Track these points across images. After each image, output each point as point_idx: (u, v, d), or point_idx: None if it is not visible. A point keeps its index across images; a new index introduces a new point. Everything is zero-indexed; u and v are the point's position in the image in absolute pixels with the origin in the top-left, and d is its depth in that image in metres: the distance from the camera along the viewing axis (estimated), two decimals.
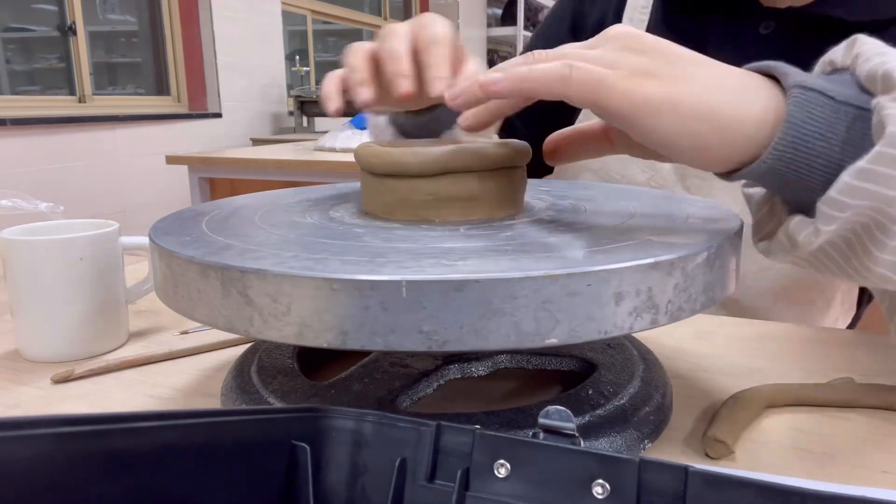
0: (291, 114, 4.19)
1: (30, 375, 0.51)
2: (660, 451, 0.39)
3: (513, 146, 0.41)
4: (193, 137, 3.57)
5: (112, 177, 3.15)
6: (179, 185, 2.96)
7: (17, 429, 0.19)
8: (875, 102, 0.31)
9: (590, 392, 0.41)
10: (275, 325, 0.31)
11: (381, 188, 0.42)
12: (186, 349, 0.55)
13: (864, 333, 0.58)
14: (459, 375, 0.46)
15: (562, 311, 0.29)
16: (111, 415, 0.21)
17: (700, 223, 0.38)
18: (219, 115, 3.72)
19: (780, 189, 0.36)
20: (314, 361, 0.48)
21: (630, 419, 0.39)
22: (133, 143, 3.25)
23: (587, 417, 0.38)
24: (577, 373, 0.47)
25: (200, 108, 3.68)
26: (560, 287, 0.29)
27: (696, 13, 0.68)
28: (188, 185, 2.50)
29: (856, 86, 0.33)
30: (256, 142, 3.80)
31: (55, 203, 0.72)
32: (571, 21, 0.77)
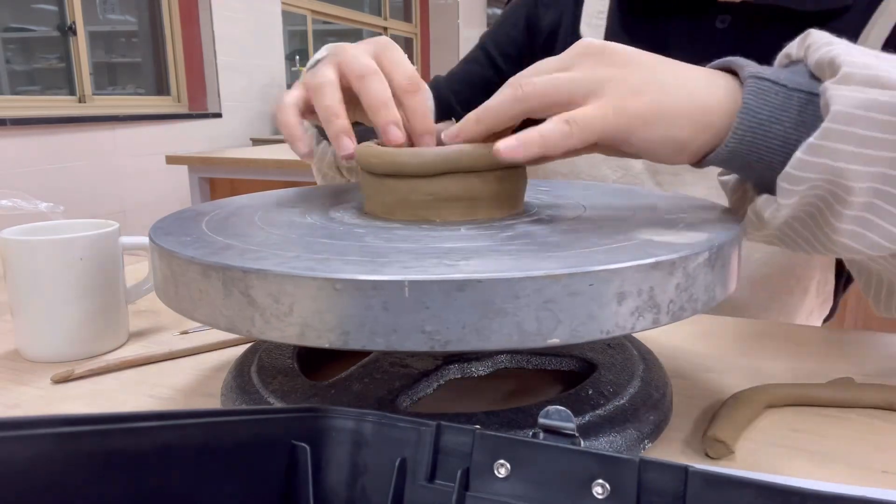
0: None
1: (30, 375, 0.51)
2: (660, 451, 0.39)
3: None
4: (193, 137, 3.57)
5: (112, 177, 3.15)
6: (179, 185, 2.97)
7: (17, 429, 0.19)
8: (822, 87, 0.34)
9: (590, 392, 0.41)
10: (277, 326, 0.30)
11: (381, 188, 0.42)
12: (186, 349, 0.55)
13: (865, 333, 0.58)
14: (459, 375, 0.46)
15: (564, 311, 0.29)
16: (111, 415, 0.21)
17: (700, 223, 0.38)
18: (219, 115, 3.72)
19: (746, 170, 0.39)
20: (314, 361, 0.48)
21: (630, 419, 0.39)
22: (133, 143, 3.25)
23: (587, 417, 0.38)
24: (577, 373, 0.47)
25: (200, 108, 3.68)
26: (562, 287, 0.29)
27: (654, 16, 0.69)
28: (188, 185, 2.50)
29: (807, 74, 0.37)
30: (256, 142, 3.80)
31: (55, 203, 0.72)
32: (526, 23, 0.78)
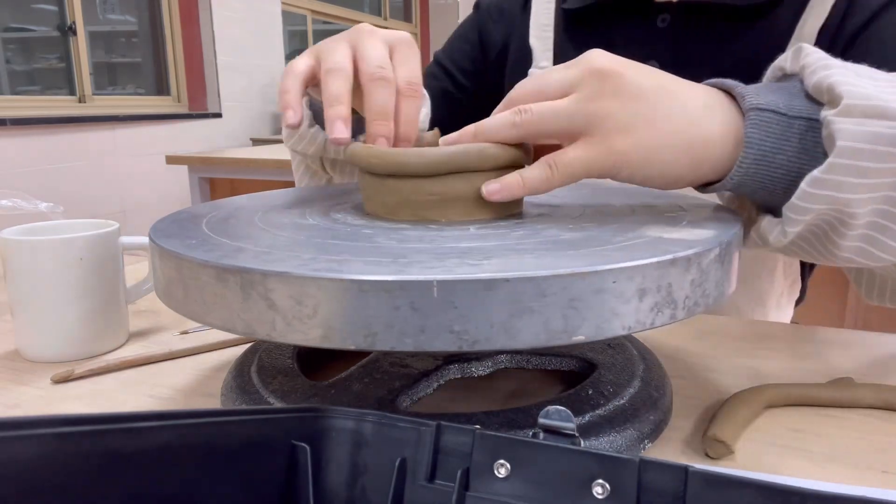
0: None
1: (30, 375, 0.51)
2: (660, 451, 0.39)
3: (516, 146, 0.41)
4: (193, 137, 3.57)
5: (112, 177, 3.15)
6: (179, 185, 2.97)
7: (17, 429, 0.19)
8: (823, 116, 0.36)
9: (590, 392, 0.41)
10: (299, 329, 0.30)
11: (383, 188, 0.42)
12: (186, 349, 0.55)
13: (865, 333, 0.58)
14: (459, 375, 0.46)
15: (589, 309, 0.29)
16: (111, 415, 0.21)
17: (702, 221, 0.38)
18: (219, 115, 3.72)
19: (749, 195, 0.41)
20: (314, 361, 0.48)
21: (630, 419, 0.39)
22: (133, 143, 3.25)
23: (587, 417, 0.38)
24: (577, 373, 0.47)
25: (200, 108, 3.68)
26: (587, 284, 0.29)
27: (598, 23, 0.71)
28: (188, 185, 2.50)
29: (804, 95, 0.38)
30: (256, 142, 3.80)
31: (55, 203, 0.72)
32: (479, 38, 0.80)
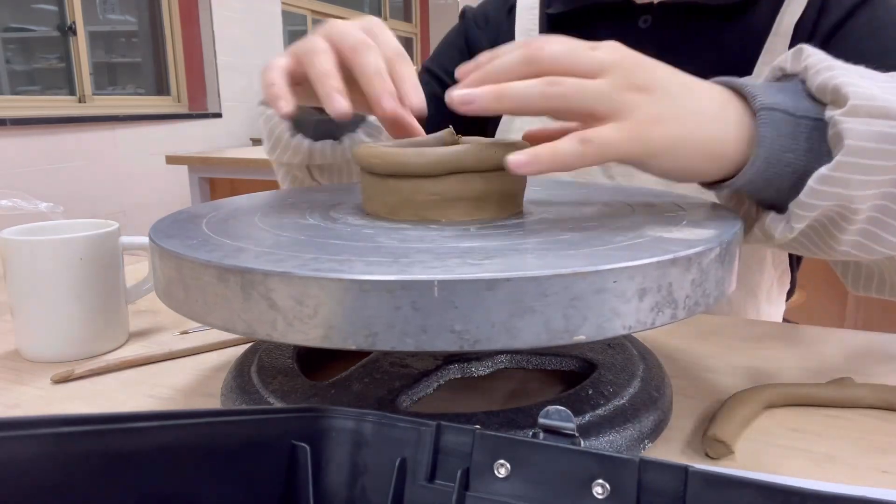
0: None
1: (30, 375, 0.51)
2: (660, 451, 0.39)
3: (517, 145, 0.41)
4: (193, 137, 3.57)
5: (112, 177, 3.15)
6: (179, 185, 2.97)
7: (17, 429, 0.19)
8: (829, 116, 0.37)
9: (590, 392, 0.41)
10: (300, 329, 0.30)
11: (383, 189, 0.42)
12: (186, 349, 0.55)
13: (864, 333, 0.58)
14: (459, 375, 0.46)
15: (590, 308, 0.29)
16: (111, 415, 0.21)
17: (702, 220, 0.38)
18: (219, 115, 3.72)
19: (755, 193, 0.42)
20: (314, 361, 0.48)
21: (630, 419, 0.39)
22: (133, 143, 3.25)
23: (587, 417, 0.38)
24: (577, 373, 0.47)
25: (200, 108, 3.68)
26: (588, 284, 0.29)
27: (581, 26, 0.72)
28: (188, 185, 2.50)
29: (807, 96, 0.39)
30: (256, 142, 3.80)
31: (55, 203, 0.72)
32: (466, 45, 0.81)
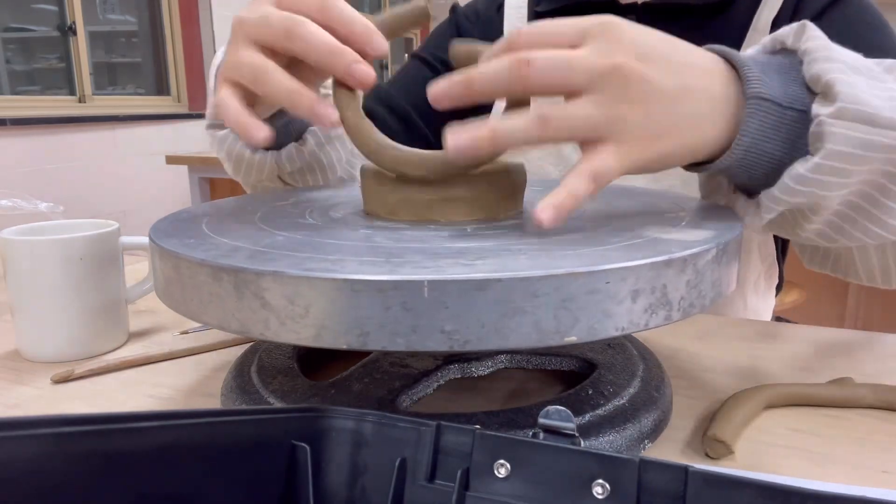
0: None
1: (30, 375, 0.51)
2: (660, 451, 0.39)
3: None
4: (193, 137, 3.57)
5: (112, 177, 3.15)
6: (179, 185, 2.97)
7: (17, 429, 0.19)
8: (815, 114, 0.36)
9: (590, 392, 0.41)
10: (292, 328, 0.30)
11: (383, 188, 0.42)
12: (186, 349, 0.55)
13: (865, 333, 0.58)
14: (459, 375, 0.46)
15: (581, 309, 0.29)
16: (111, 415, 0.21)
17: (702, 221, 0.38)
18: None
19: (731, 177, 0.42)
20: (314, 361, 0.48)
21: (630, 419, 0.39)
22: (133, 143, 3.25)
23: (587, 417, 0.38)
24: (577, 373, 0.47)
25: (200, 108, 3.67)
26: (580, 285, 0.29)
27: None
28: (188, 185, 2.50)
29: (801, 81, 0.38)
30: None
31: (55, 203, 0.72)
32: (459, 36, 0.80)
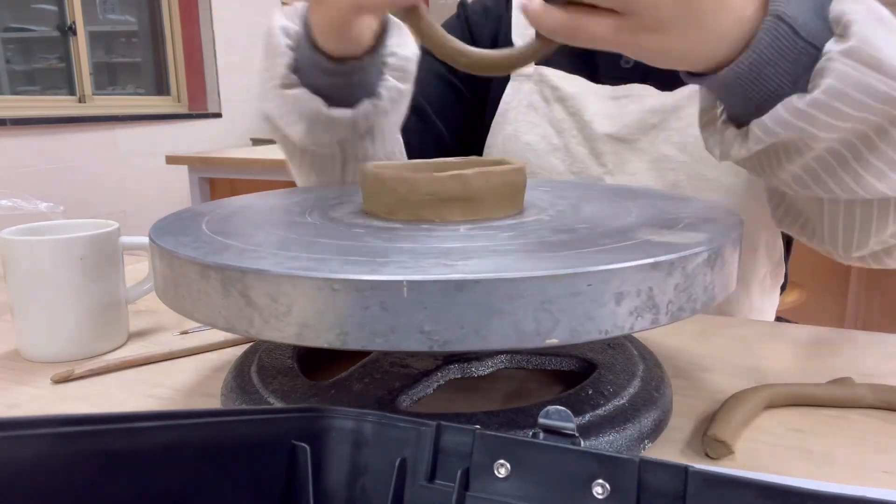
0: None
1: (30, 375, 0.51)
2: (660, 451, 0.39)
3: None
4: (193, 137, 3.57)
5: (112, 177, 3.15)
6: (179, 185, 2.96)
7: (17, 429, 0.19)
8: (827, 49, 0.36)
9: (590, 392, 0.41)
10: (275, 326, 0.30)
11: (381, 188, 0.42)
12: (186, 349, 0.55)
13: (865, 333, 0.58)
14: (459, 375, 0.46)
15: (562, 312, 0.29)
16: (111, 415, 0.21)
17: (701, 223, 0.38)
18: (219, 115, 3.72)
19: (725, 96, 0.41)
20: (314, 361, 0.48)
21: (630, 419, 0.39)
22: (133, 143, 3.24)
23: (587, 417, 0.38)
24: (577, 373, 0.47)
25: (200, 108, 3.68)
26: (560, 287, 0.29)
27: None
28: (188, 185, 2.50)
29: (826, 20, 0.37)
30: (256, 142, 3.79)
31: (55, 203, 0.72)
32: (469, 33, 0.81)
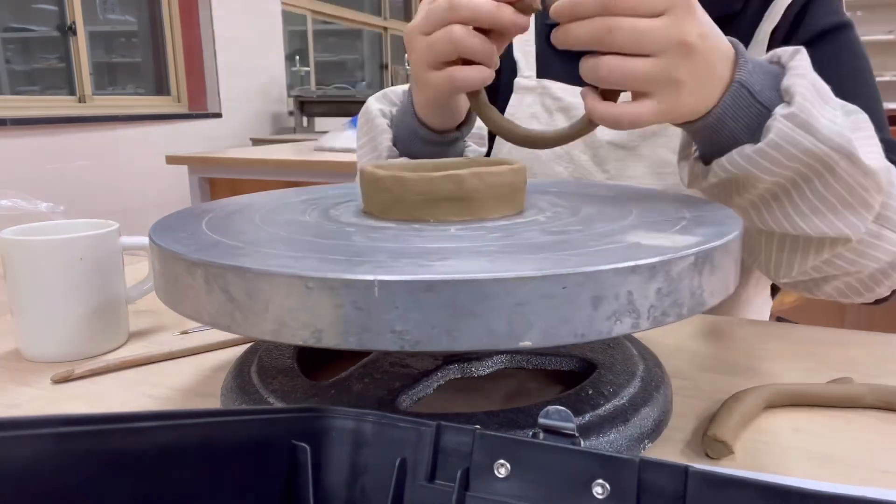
0: (291, 114, 4.19)
1: (30, 375, 0.51)
2: (660, 451, 0.39)
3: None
4: (193, 137, 3.57)
5: (112, 177, 3.15)
6: (179, 185, 2.96)
7: (17, 429, 0.19)
8: (775, 111, 0.45)
9: (590, 392, 0.41)
10: (254, 322, 0.31)
11: (378, 187, 0.42)
12: (186, 349, 0.55)
13: (865, 333, 0.58)
14: (459, 375, 0.46)
15: (536, 314, 0.29)
16: (111, 415, 0.21)
17: (698, 226, 0.38)
18: (219, 115, 3.72)
19: (699, 139, 0.50)
20: (314, 361, 0.48)
21: (630, 419, 0.39)
22: (133, 143, 3.25)
23: (587, 417, 0.38)
24: (577, 373, 0.47)
25: (200, 108, 3.68)
26: (533, 289, 0.29)
27: None
28: (188, 185, 2.49)
29: (778, 90, 0.46)
30: (256, 142, 3.80)
31: (55, 203, 0.72)
32: None
